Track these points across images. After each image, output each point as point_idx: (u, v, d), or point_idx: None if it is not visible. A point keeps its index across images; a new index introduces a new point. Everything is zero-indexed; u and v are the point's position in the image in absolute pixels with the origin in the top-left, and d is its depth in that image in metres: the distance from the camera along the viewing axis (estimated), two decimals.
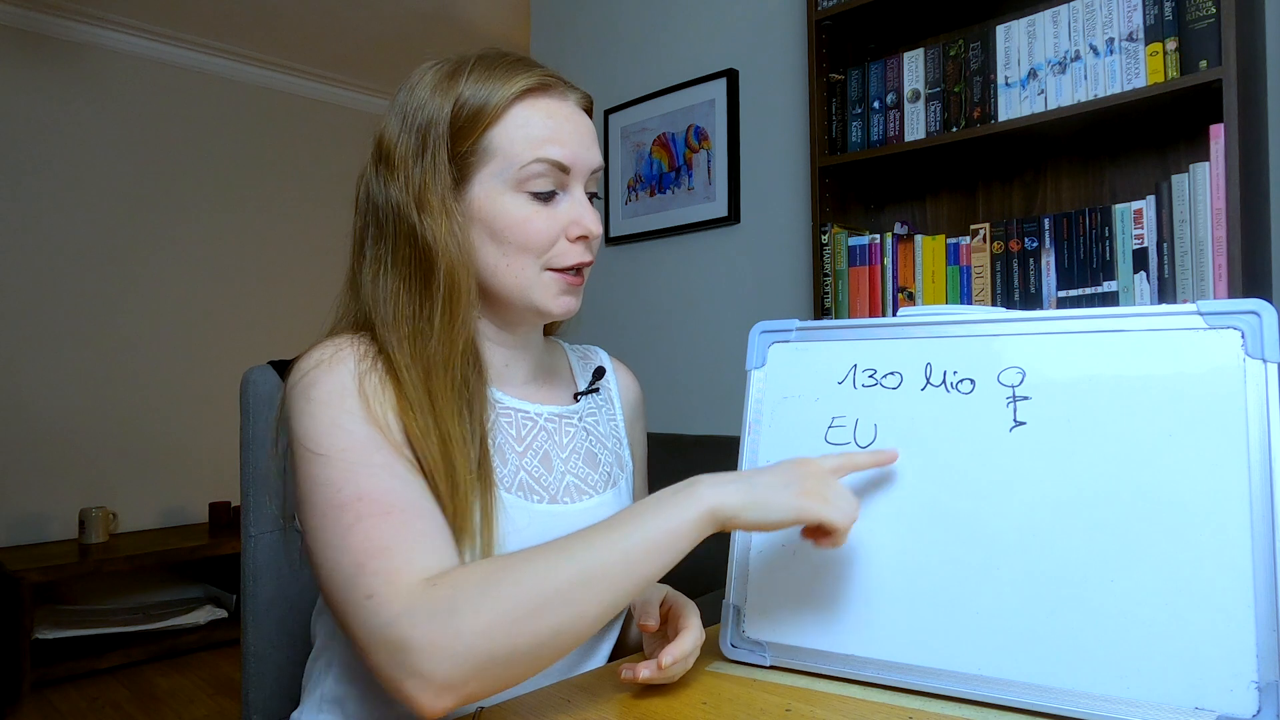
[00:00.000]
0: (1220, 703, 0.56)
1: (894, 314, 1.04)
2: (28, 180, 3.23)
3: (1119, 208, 1.42)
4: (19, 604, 2.63)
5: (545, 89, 0.75)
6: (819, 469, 0.65)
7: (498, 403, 0.79)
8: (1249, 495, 0.58)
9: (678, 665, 0.65)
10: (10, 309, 3.18)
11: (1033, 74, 1.51)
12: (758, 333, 0.81)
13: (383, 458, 0.65)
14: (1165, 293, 1.36)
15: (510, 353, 0.81)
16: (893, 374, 0.73)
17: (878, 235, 1.71)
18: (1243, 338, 0.61)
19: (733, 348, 2.18)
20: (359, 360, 0.69)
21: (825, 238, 1.76)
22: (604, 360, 0.95)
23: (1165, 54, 1.36)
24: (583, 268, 0.77)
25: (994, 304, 1.55)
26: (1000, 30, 1.55)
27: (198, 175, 3.69)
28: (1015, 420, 0.67)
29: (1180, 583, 0.59)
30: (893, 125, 1.70)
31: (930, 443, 0.70)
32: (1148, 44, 1.38)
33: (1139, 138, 1.55)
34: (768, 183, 2.11)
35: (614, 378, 0.94)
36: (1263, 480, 0.58)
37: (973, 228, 1.59)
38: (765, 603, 0.74)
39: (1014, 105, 1.53)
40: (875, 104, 1.73)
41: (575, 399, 0.87)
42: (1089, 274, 1.45)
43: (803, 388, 0.77)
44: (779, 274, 2.08)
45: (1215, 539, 0.59)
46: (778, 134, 2.09)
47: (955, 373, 0.70)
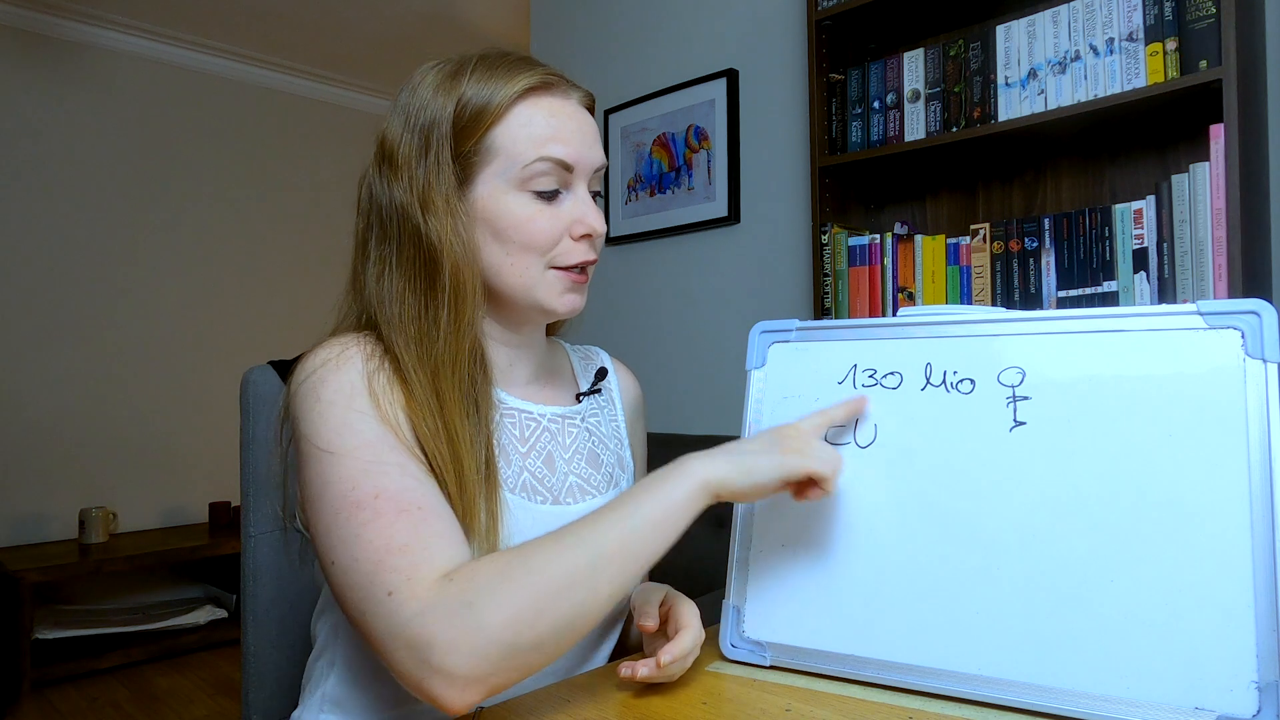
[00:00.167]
0: (1220, 703, 0.56)
1: (894, 314, 1.04)
2: (27, 180, 3.23)
3: (1119, 208, 1.42)
4: (19, 604, 2.63)
5: (548, 88, 0.75)
6: (797, 429, 0.69)
7: (502, 403, 0.79)
8: (1249, 495, 0.58)
9: (676, 664, 0.66)
10: (10, 309, 3.19)
11: (1033, 74, 1.51)
12: (758, 333, 0.81)
13: (397, 457, 0.65)
14: (1165, 293, 1.36)
15: (514, 352, 0.81)
16: (893, 374, 0.73)
17: (878, 235, 1.71)
18: (1243, 338, 0.61)
19: (733, 348, 2.18)
20: (366, 359, 0.69)
21: (825, 238, 1.76)
22: (605, 361, 0.95)
23: (1165, 54, 1.36)
24: (587, 266, 0.77)
25: (994, 304, 1.55)
26: (1000, 30, 1.55)
27: (197, 175, 3.69)
28: (1015, 420, 0.67)
29: (1180, 583, 0.59)
30: (893, 125, 1.71)
31: (930, 443, 0.70)
32: (1148, 44, 1.38)
33: (1139, 138, 1.55)
34: (768, 183, 2.11)
35: (615, 378, 0.94)
36: (1263, 480, 0.58)
37: (973, 228, 1.59)
38: (765, 603, 0.74)
39: (1014, 105, 1.53)
40: (875, 104, 1.73)
41: (578, 400, 0.87)
42: (1089, 274, 1.45)
43: (803, 388, 0.77)
44: (779, 274, 2.08)
45: (1215, 539, 0.59)
46: (778, 134, 2.09)
47: (955, 373, 0.71)
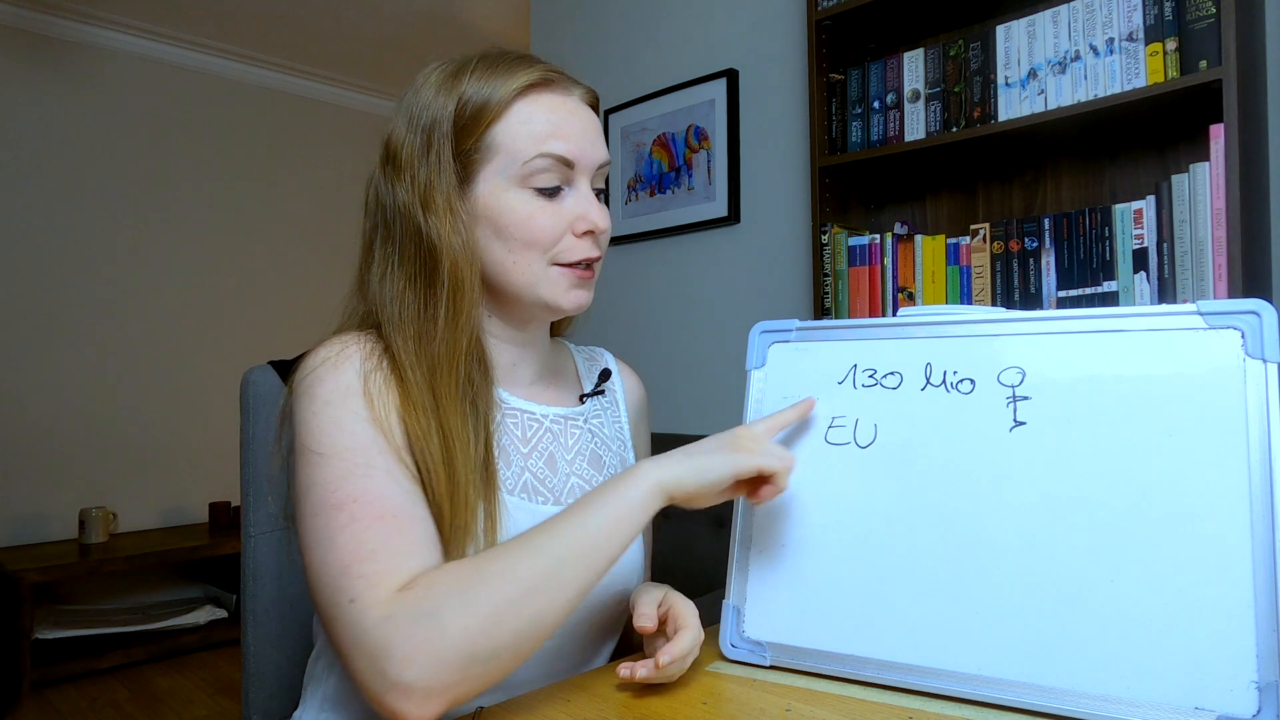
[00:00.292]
0: (1220, 703, 0.56)
1: (894, 314, 1.04)
2: (27, 180, 3.23)
3: (1119, 208, 1.42)
4: (19, 604, 2.63)
5: (548, 84, 0.75)
6: (749, 430, 0.70)
7: (503, 403, 0.78)
8: (1249, 495, 0.58)
9: (675, 665, 0.65)
10: (10, 309, 3.18)
11: (1033, 74, 1.51)
12: (758, 333, 0.81)
13: (383, 461, 0.65)
14: (1165, 293, 1.36)
15: (518, 351, 0.81)
16: (893, 374, 0.73)
17: (878, 235, 1.71)
18: (1243, 338, 0.61)
19: (733, 348, 2.18)
20: (364, 359, 0.69)
21: (825, 238, 1.76)
22: (609, 362, 0.95)
23: (1165, 54, 1.36)
24: (592, 262, 0.77)
25: (994, 304, 1.55)
26: (1000, 30, 1.55)
27: (197, 175, 3.68)
28: (1015, 420, 0.67)
29: (1180, 583, 0.59)
30: (893, 125, 1.70)
31: (930, 443, 0.70)
32: (1148, 44, 1.38)
33: (1139, 138, 1.55)
34: (768, 183, 2.11)
35: (619, 380, 0.94)
36: (1263, 480, 0.58)
37: (973, 228, 1.58)
38: (765, 603, 0.74)
39: (1014, 105, 1.53)
40: (875, 104, 1.73)
41: (581, 400, 0.87)
42: (1089, 274, 1.45)
43: (803, 388, 0.77)
44: (779, 274, 2.08)
45: (1215, 539, 0.59)
46: (778, 134, 2.09)
47: (955, 373, 0.70)
